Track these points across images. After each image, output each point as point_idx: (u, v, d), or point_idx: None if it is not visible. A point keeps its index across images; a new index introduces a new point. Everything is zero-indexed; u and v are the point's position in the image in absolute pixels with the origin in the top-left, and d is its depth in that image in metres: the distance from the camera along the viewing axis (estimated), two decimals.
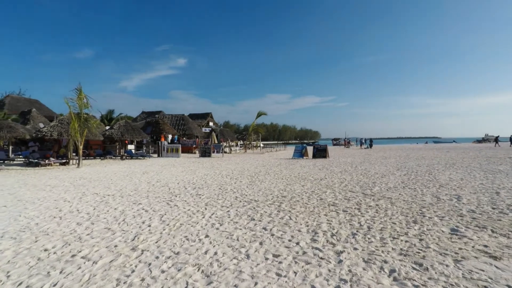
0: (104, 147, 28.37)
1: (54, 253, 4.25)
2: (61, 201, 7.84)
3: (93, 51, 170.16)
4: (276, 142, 76.80)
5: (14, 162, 20.48)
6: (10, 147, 22.28)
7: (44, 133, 18.10)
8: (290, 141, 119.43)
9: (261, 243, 4.53)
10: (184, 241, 4.66)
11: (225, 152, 33.55)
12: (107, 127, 30.31)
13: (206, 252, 4.18)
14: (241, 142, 49.05)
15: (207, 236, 4.90)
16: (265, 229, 5.27)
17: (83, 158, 23.90)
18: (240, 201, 7.65)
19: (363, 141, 52.83)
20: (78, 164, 17.11)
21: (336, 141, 63.93)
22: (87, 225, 5.60)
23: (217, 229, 5.29)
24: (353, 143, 60.10)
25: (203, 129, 50.79)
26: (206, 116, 59.74)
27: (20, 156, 21.80)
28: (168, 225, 5.57)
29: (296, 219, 5.91)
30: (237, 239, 4.72)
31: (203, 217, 6.09)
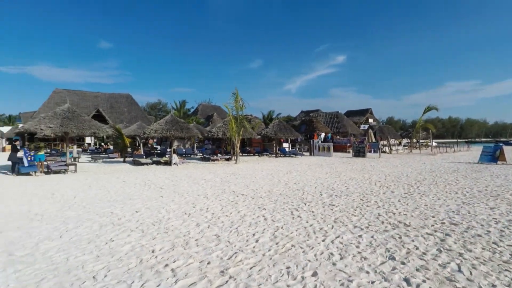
0: (263, 145, 30.95)
1: (155, 257, 4.10)
2: (202, 196, 8.36)
3: (261, 60, 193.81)
4: (455, 140, 61.85)
5: (196, 157, 25.31)
6: (195, 144, 27.71)
7: (212, 133, 21.29)
8: (476, 139, 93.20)
9: None
10: (282, 275, 3.53)
11: (384, 152, 29.57)
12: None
13: None
14: (406, 141, 42.31)
15: (314, 274, 3.56)
16: (408, 283, 3.37)
17: (245, 154, 26.82)
18: (383, 222, 5.72)
19: None
20: (236, 160, 19.01)
21: None
22: (202, 228, 5.42)
23: (334, 264, 3.84)
24: None
25: (361, 127, 47.27)
26: (364, 113, 55.49)
27: (200, 152, 26.80)
28: (277, 244, 4.59)
29: (472, 272, 3.59)
30: None
31: (323, 240, 4.73)
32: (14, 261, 3.98)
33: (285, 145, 31.24)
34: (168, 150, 22.88)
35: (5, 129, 42.77)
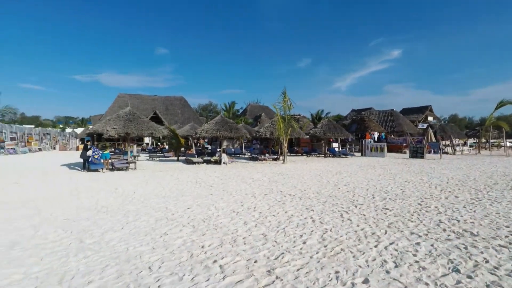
0: (311, 145, 30.38)
1: (204, 252, 4.26)
2: (249, 195, 8.47)
3: (310, 59, 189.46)
4: None
5: (244, 156, 25.79)
6: (243, 144, 28.25)
7: (260, 133, 21.49)
8: None
9: None
10: (330, 279, 3.41)
11: (446, 153, 27.00)
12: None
13: None
14: (473, 141, 38.11)
15: (366, 282, 3.37)
16: None
17: (292, 154, 26.60)
18: (445, 230, 5.20)
19: None
20: (283, 160, 18.94)
21: None
22: (250, 227, 5.49)
23: (387, 272, 3.59)
24: None
25: (419, 125, 43.80)
26: (423, 110, 51.27)
27: (248, 152, 27.23)
28: (325, 247, 4.44)
29: None
30: None
31: (376, 246, 4.46)
32: (84, 248, 4.44)
33: (335, 145, 30.28)
34: (218, 149, 23.69)
35: (79, 130, 48.40)
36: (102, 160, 14.73)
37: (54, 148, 37.71)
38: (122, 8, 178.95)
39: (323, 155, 24.85)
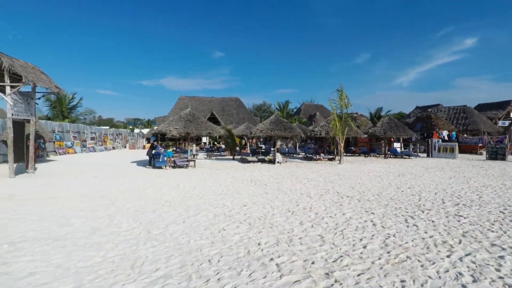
0: (370, 145, 28.78)
1: (261, 250, 4.29)
2: (305, 195, 8.34)
3: (368, 54, 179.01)
4: None
5: (298, 156, 25.51)
6: (297, 144, 27.97)
7: (315, 132, 21.02)
8: None
9: None
10: None
11: None
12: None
13: None
14: None
15: None
16: None
17: (349, 154, 25.52)
18: None
19: None
20: (340, 160, 18.25)
21: None
22: (306, 227, 5.39)
23: (463, 287, 3.20)
24: None
25: (499, 123, 38.52)
26: (504, 106, 44.92)
27: (302, 151, 26.86)
28: (388, 253, 4.14)
29: None
30: None
31: (448, 256, 4.01)
32: (151, 238, 4.82)
33: (396, 145, 28.25)
34: (272, 149, 23.82)
35: (145, 131, 53.00)
36: (165, 158, 15.88)
37: (125, 147, 41.92)
38: (181, 15, 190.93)
39: (383, 156, 23.35)
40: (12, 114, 11.86)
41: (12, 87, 11.82)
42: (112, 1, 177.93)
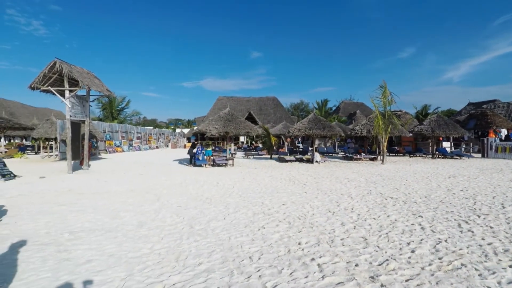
0: (415, 145, 27.09)
1: (302, 249, 4.24)
2: (345, 196, 8.08)
3: (414, 48, 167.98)
4: None
5: (338, 155, 24.83)
6: (336, 143, 27.22)
7: (355, 131, 20.28)
8: None
9: None
10: None
11: None
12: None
13: None
14: None
15: None
16: None
17: (392, 154, 24.26)
18: None
19: None
20: (382, 160, 17.41)
21: None
22: (348, 228, 5.21)
23: None
24: None
25: None
26: None
27: (342, 151, 26.08)
28: (440, 259, 3.86)
29: None
30: None
31: (511, 266, 3.63)
32: (194, 233, 4.99)
33: (445, 144, 26.28)
34: (310, 148, 23.44)
35: (186, 130, 55.12)
36: (205, 157, 16.37)
37: (167, 146, 43.99)
38: (219, 18, 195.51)
39: (431, 156, 21.84)
40: (70, 116, 13.03)
41: (70, 91, 12.98)
42: (153, 8, 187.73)
